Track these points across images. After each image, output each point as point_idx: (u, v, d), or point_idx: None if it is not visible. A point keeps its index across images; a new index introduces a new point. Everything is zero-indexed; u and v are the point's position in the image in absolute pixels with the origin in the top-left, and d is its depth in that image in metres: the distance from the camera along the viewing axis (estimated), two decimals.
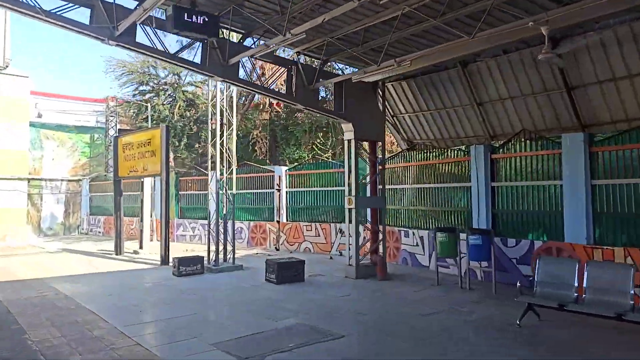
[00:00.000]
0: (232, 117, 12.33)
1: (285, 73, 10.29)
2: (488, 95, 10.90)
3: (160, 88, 24.55)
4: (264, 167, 17.84)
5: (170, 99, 24.75)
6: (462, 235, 9.90)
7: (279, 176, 16.52)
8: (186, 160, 24.00)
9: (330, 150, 18.26)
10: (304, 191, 16.03)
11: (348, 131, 10.87)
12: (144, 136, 14.34)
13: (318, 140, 19.36)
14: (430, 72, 11.04)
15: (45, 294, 9.33)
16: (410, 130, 12.83)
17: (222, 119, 12.19)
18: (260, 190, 17.25)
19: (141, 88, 24.33)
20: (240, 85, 9.96)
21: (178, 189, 20.08)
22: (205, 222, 17.89)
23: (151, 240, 19.03)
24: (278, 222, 16.32)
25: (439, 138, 12.34)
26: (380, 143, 11.41)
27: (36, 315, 7.63)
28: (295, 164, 17.98)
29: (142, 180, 15.96)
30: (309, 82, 10.03)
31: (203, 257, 11.86)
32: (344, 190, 14.49)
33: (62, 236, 24.31)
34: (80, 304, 8.40)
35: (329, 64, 11.21)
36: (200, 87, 25.41)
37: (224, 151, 12.21)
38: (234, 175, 12.80)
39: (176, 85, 24.76)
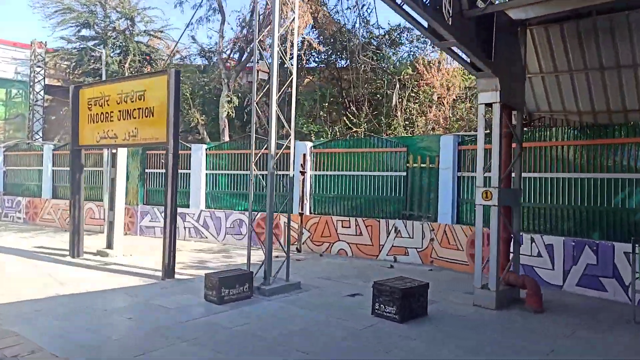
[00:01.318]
0: (293, 63, 8.23)
1: None
2: None
3: (108, 35, 19.13)
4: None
5: (120, 51, 19.44)
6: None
7: (303, 154, 12.53)
8: None
9: (364, 125, 14.57)
10: (339, 175, 12.22)
11: (489, 91, 7.30)
12: (132, 86, 9.69)
13: (349, 111, 15.37)
14: (585, 15, 7.77)
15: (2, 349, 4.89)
16: (538, 99, 9.33)
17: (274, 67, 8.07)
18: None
19: (83, 32, 18.74)
20: None
21: (144, 166, 15.27)
22: (184, 210, 13.61)
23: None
24: (301, 214, 12.40)
25: (578, 111, 8.92)
26: (517, 112, 7.99)
27: None
28: (323, 139, 13.98)
29: (113, 151, 11.24)
30: (470, 4, 6.32)
31: (250, 272, 7.78)
32: (400, 176, 11.01)
33: None
34: None
35: None
36: (158, 38, 20.32)
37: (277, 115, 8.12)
38: (292, 150, 8.78)
39: (128, 34, 19.47)
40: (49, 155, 17.32)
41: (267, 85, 8.35)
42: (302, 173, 12.38)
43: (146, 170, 15.23)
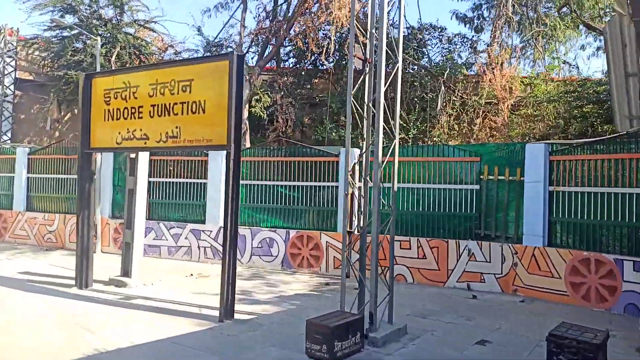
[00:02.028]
0: (398, 51, 6.52)
1: None
2: None
3: (93, 24, 16.69)
4: (318, 148, 11.80)
5: (105, 41, 17.00)
6: None
7: (354, 163, 10.78)
8: None
9: (413, 131, 12.80)
10: (398, 188, 10.53)
11: None
12: (173, 75, 7.67)
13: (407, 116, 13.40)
14: None
15: None
16: None
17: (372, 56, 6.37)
18: (306, 183, 11.30)
19: (67, 19, 16.21)
20: None
21: (149, 173, 13.03)
22: (198, 226, 11.57)
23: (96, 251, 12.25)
24: (349, 232, 10.61)
25: None
26: None
27: None
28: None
29: (131, 155, 9.12)
30: None
31: (360, 318, 5.95)
32: (473, 189, 9.55)
33: None
34: None
35: None
36: (150, 30, 18.07)
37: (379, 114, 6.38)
38: (396, 157, 7.05)
39: (115, 23, 17.11)
40: (24, 161, 14.72)
41: (362, 77, 6.64)
42: (352, 186, 10.62)
43: (149, 179, 12.98)
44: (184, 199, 12.47)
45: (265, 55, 14.70)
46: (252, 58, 15.36)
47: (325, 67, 15.08)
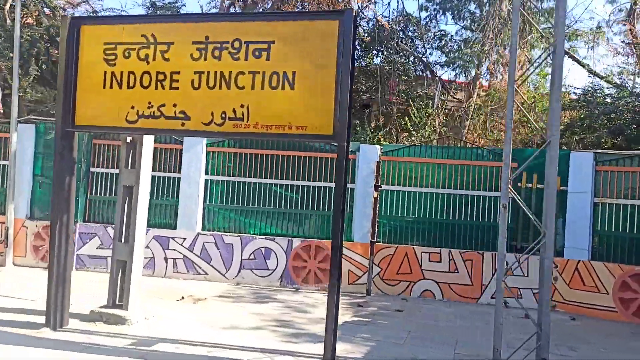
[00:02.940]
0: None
1: None
2: None
3: None
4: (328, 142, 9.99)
5: None
6: None
7: (377, 163, 9.29)
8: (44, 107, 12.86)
9: (421, 133, 11.43)
10: (422, 193, 9.35)
11: None
12: (240, 32, 5.48)
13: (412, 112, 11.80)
14: None
15: None
16: None
17: None
18: (315, 184, 9.54)
19: None
20: None
21: (89, 163, 9.98)
22: (165, 232, 9.28)
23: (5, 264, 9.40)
24: (372, 243, 9.15)
25: None
26: None
27: None
28: (398, 145, 10.33)
29: (128, 140, 6.56)
30: None
31: None
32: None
33: None
34: None
35: None
36: None
37: None
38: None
39: None
40: None
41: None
42: (377, 187, 9.18)
43: (91, 170, 9.97)
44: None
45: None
46: None
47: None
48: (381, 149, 9.47)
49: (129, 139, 6.54)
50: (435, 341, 6.45)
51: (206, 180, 9.64)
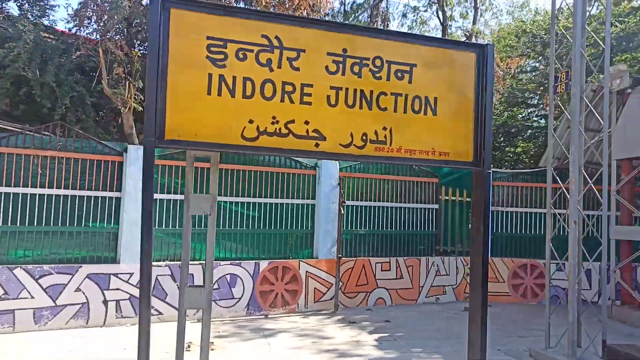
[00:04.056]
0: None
1: None
2: None
3: None
4: (299, 159, 9.26)
5: None
6: None
7: (336, 178, 9.34)
8: None
9: None
10: (373, 207, 9.84)
11: None
12: (382, 50, 5.10)
13: None
14: None
15: None
16: None
17: None
18: (275, 200, 8.96)
19: None
20: None
21: None
22: (103, 269, 7.75)
23: None
24: (339, 258, 9.19)
25: None
26: None
27: None
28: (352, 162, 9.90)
29: (196, 154, 5.24)
30: None
31: None
32: (432, 208, 10.59)
33: None
34: None
35: None
36: None
37: None
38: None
39: None
40: None
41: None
42: (343, 204, 9.29)
43: None
44: (72, 223, 7.48)
45: None
46: None
47: None
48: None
49: (190, 155, 5.24)
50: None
51: (158, 200, 8.02)
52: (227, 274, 8.35)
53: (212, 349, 6.57)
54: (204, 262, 7.82)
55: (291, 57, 4.91)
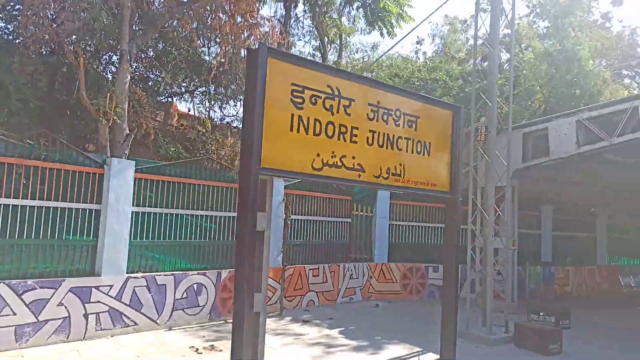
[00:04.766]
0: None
1: None
2: None
3: None
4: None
5: None
6: None
7: (282, 195, 10.35)
8: None
9: None
10: (310, 220, 11.10)
11: None
12: (400, 104, 6.60)
13: None
14: None
15: None
16: None
17: None
18: (224, 214, 9.60)
19: None
20: None
21: None
22: (84, 282, 8.10)
23: None
24: (285, 266, 10.21)
25: None
26: None
27: None
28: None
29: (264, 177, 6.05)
30: None
31: None
32: (346, 222, 12.56)
33: None
34: None
35: None
36: None
37: None
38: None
39: None
40: None
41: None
42: (287, 218, 10.37)
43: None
44: (51, 235, 7.20)
45: None
46: None
47: None
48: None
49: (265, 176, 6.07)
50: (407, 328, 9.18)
51: (134, 213, 8.12)
52: (194, 284, 8.80)
53: (221, 350, 7.21)
54: (175, 272, 8.30)
55: (345, 105, 6.20)
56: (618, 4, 21.36)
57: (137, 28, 9.64)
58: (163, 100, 14.48)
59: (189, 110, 16.38)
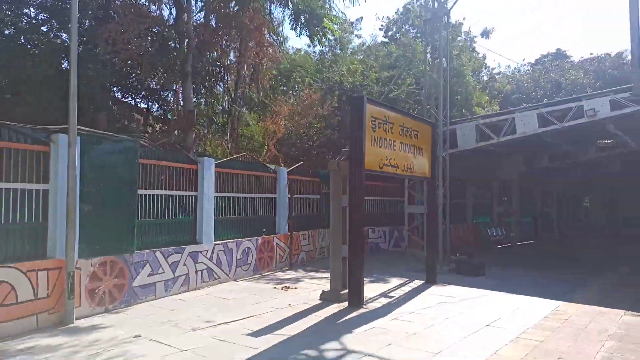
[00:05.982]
0: None
1: None
2: None
3: None
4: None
5: None
6: None
7: (288, 179, 13.66)
8: None
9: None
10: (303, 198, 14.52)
11: None
12: (411, 124, 10.66)
13: None
14: None
15: None
16: None
17: None
18: (259, 195, 12.72)
19: None
20: None
21: (135, 184, 8.53)
22: (199, 248, 11.02)
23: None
24: (291, 233, 13.65)
25: None
26: None
27: None
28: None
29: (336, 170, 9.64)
30: None
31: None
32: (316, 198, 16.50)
33: None
34: None
35: None
36: None
37: None
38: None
39: None
40: None
41: None
42: (292, 195, 13.78)
43: (139, 192, 8.66)
44: (173, 215, 9.87)
45: None
46: None
47: None
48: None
49: (334, 168, 9.70)
50: None
51: (216, 197, 10.98)
52: (246, 247, 11.93)
53: (295, 288, 10.65)
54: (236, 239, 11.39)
55: (389, 128, 10.25)
56: (486, 36, 28.04)
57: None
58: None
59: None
